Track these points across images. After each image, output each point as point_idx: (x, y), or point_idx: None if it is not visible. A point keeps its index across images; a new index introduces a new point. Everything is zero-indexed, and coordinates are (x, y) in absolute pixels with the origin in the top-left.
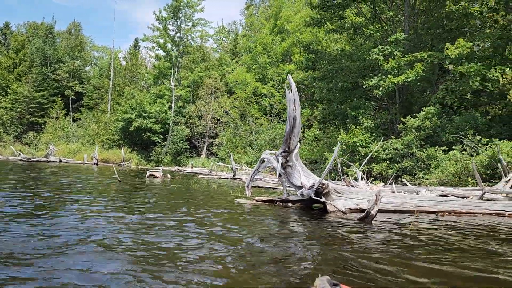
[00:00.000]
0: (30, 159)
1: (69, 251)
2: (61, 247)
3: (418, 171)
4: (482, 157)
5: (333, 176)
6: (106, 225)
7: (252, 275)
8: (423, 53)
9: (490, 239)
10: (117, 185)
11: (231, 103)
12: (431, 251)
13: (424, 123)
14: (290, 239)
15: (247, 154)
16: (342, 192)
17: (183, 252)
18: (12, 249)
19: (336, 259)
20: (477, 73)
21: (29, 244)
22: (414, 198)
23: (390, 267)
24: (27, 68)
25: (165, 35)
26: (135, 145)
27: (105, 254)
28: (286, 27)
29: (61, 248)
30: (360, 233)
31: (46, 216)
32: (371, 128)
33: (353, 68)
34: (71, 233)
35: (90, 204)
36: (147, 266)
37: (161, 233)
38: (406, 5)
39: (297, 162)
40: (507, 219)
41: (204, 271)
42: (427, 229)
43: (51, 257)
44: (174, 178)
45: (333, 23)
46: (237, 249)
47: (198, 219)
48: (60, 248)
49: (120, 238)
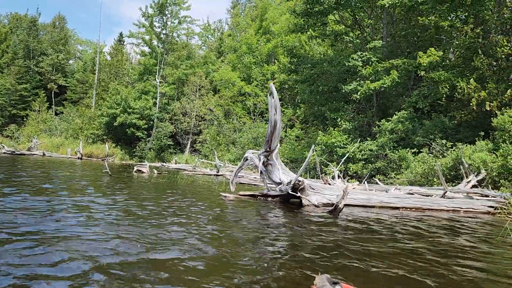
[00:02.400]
0: (14, 152)
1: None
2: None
3: (391, 171)
4: (447, 160)
5: (312, 175)
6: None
7: (236, 251)
8: (399, 60)
9: (425, 228)
10: (108, 179)
11: (215, 101)
12: (379, 236)
13: (397, 126)
14: (266, 225)
15: (230, 151)
16: (316, 189)
17: (182, 238)
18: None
19: (303, 242)
20: (447, 81)
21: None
22: (380, 195)
23: (347, 248)
24: (9, 60)
25: (151, 31)
26: (119, 140)
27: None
28: (271, 28)
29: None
30: (327, 222)
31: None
32: (349, 130)
33: (334, 72)
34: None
35: (94, 195)
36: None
37: (161, 222)
38: (384, 14)
39: (277, 161)
40: (462, 215)
41: (195, 244)
42: (383, 220)
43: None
44: (161, 173)
45: (316, 29)
46: (223, 232)
47: (188, 210)
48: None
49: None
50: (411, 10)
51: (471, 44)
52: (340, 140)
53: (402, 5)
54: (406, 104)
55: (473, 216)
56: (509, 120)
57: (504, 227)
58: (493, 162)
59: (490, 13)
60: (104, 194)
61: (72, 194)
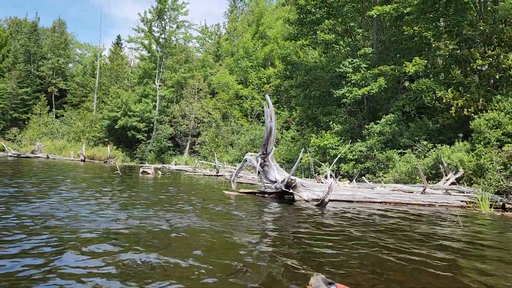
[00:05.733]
0: (19, 155)
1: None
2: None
3: (379, 170)
4: (428, 160)
5: (307, 174)
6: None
7: (233, 234)
8: (387, 67)
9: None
10: (119, 179)
11: (213, 104)
12: (351, 221)
13: (385, 129)
14: (262, 216)
15: (228, 153)
16: (306, 186)
17: (195, 230)
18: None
19: (293, 227)
20: (429, 89)
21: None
22: (364, 192)
23: (330, 233)
24: (10, 65)
25: (150, 36)
26: (120, 142)
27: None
28: (267, 33)
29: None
30: (314, 214)
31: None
32: (341, 132)
33: (326, 78)
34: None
35: (120, 195)
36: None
37: (183, 214)
38: (374, 22)
39: (272, 162)
40: (436, 208)
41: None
42: (359, 211)
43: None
44: (164, 174)
45: (308, 38)
46: (228, 223)
47: (196, 204)
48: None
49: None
50: (398, 19)
51: (451, 54)
52: (332, 142)
53: (389, 15)
54: (394, 107)
55: (445, 209)
56: (484, 123)
57: (456, 214)
58: (469, 162)
59: (467, 25)
60: (125, 190)
61: (103, 190)
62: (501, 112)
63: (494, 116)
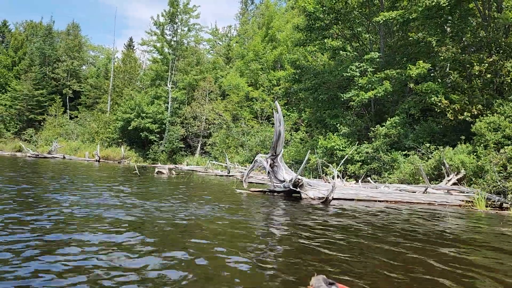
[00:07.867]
0: (37, 155)
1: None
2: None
3: (384, 171)
4: (431, 161)
5: (315, 175)
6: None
7: (247, 222)
8: (393, 71)
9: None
10: (137, 178)
11: (224, 106)
12: (350, 215)
13: (390, 131)
14: (273, 211)
15: (239, 154)
16: (313, 185)
17: (211, 218)
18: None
19: (300, 223)
20: (433, 92)
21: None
22: (367, 191)
23: (335, 225)
24: (26, 67)
25: (162, 39)
26: (133, 143)
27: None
28: (277, 36)
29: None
30: (319, 209)
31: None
32: (348, 134)
33: (334, 82)
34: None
35: (143, 187)
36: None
37: (201, 207)
38: (382, 27)
39: (281, 163)
40: (436, 207)
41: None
42: (360, 209)
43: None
44: (178, 174)
45: (316, 44)
46: (241, 215)
47: (214, 201)
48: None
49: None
50: (404, 24)
51: (453, 59)
52: (339, 143)
53: (395, 20)
54: (400, 110)
55: (444, 207)
56: (484, 126)
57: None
58: (470, 163)
59: (469, 31)
60: (150, 186)
61: (131, 188)
62: (501, 116)
63: (494, 119)
